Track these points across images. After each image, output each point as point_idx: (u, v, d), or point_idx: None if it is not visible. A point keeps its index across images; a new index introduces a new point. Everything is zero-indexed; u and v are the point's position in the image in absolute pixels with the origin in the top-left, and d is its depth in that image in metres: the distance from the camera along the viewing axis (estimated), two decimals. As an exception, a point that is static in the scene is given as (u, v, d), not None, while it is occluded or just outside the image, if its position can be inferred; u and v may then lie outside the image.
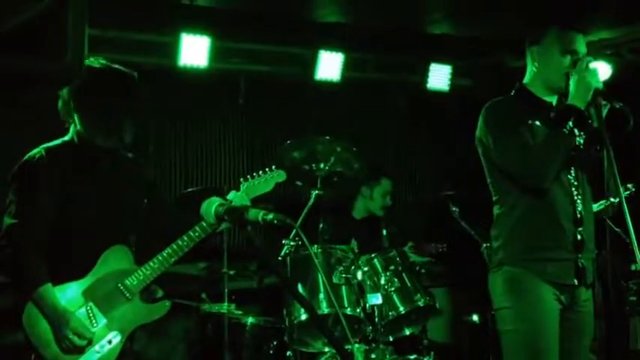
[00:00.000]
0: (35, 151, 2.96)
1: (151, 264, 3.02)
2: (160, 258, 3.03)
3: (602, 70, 5.36)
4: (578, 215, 2.93)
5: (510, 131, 2.94)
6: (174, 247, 3.03)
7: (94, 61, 2.98)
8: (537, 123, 2.97)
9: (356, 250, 4.35)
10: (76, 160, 2.98)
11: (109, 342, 2.90)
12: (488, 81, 6.18)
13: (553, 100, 3.07)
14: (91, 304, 2.90)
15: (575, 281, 2.92)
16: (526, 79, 3.12)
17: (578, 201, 2.96)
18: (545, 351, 2.84)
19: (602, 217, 4.35)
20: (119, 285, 2.96)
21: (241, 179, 3.33)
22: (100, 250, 2.97)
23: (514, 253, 2.96)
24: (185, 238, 3.03)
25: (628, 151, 3.22)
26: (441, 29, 5.56)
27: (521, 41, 3.25)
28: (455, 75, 6.19)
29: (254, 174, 3.36)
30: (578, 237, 2.92)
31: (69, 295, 2.87)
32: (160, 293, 3.10)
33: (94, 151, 3.03)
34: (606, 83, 5.30)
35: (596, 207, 4.31)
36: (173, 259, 3.04)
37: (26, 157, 2.95)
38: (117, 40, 4.97)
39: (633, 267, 2.94)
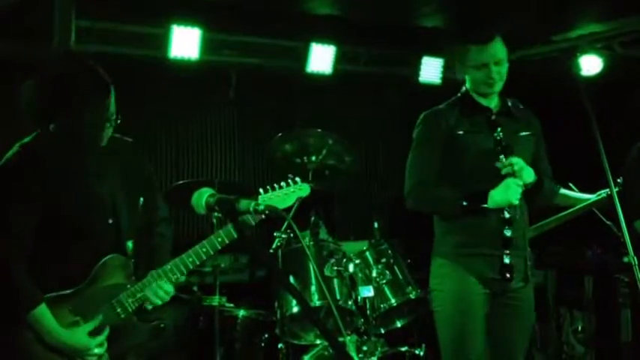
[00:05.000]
0: (10, 152, 2.59)
1: (150, 278, 2.68)
2: (160, 272, 2.68)
3: (593, 63, 5.41)
4: (507, 215, 3.05)
5: (423, 153, 3.20)
6: (184, 256, 2.69)
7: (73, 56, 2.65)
8: (466, 132, 3.13)
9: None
10: (59, 154, 2.60)
11: None
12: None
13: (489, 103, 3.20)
14: (79, 320, 2.59)
15: (499, 276, 3.07)
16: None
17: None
18: (469, 331, 3.07)
19: (592, 210, 4.38)
20: (113, 301, 2.64)
21: (260, 190, 2.87)
22: (92, 260, 2.63)
23: (447, 248, 3.16)
24: (205, 244, 2.68)
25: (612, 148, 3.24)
26: (433, 22, 5.55)
27: (513, 35, 3.26)
28: (447, 68, 6.20)
29: (274, 185, 2.88)
30: (507, 234, 3.06)
31: (55, 310, 2.54)
32: (148, 306, 2.73)
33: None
34: (597, 77, 5.36)
35: (594, 197, 4.36)
36: (178, 273, 2.70)
37: (1, 161, 2.59)
38: (107, 31, 4.94)
39: (625, 259, 2.96)
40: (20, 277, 2.52)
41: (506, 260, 3.06)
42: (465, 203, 3.04)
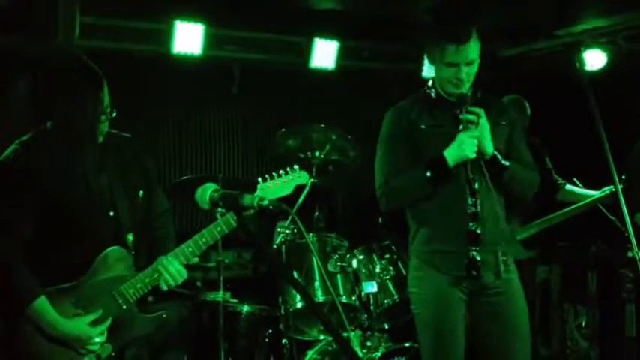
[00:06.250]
0: (8, 149, 2.63)
1: (158, 264, 2.72)
2: (169, 256, 2.73)
3: (597, 58, 5.39)
4: (473, 210, 2.97)
5: (387, 152, 3.15)
6: (184, 246, 2.74)
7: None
8: (428, 127, 3.08)
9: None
10: (57, 151, 2.62)
11: (97, 357, 2.66)
12: (482, 69, 6.16)
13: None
14: (81, 312, 2.63)
15: (465, 273, 2.98)
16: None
17: (472, 199, 2.98)
18: (447, 333, 3.02)
19: (596, 205, 4.38)
20: (114, 293, 2.67)
21: (259, 179, 2.93)
22: (92, 253, 2.67)
23: (418, 247, 3.14)
24: (205, 234, 2.72)
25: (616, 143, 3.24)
26: (437, 17, 5.53)
27: (514, 30, 3.25)
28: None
29: (273, 174, 2.94)
30: (475, 230, 2.97)
31: (56, 303, 2.58)
32: (149, 297, 2.78)
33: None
34: (601, 71, 5.34)
35: (598, 194, 4.34)
36: (183, 258, 2.75)
37: (0, 158, 2.63)
38: (111, 27, 4.94)
39: (629, 254, 2.96)
40: (18, 271, 2.55)
41: (473, 256, 2.96)
42: (428, 174, 2.98)
